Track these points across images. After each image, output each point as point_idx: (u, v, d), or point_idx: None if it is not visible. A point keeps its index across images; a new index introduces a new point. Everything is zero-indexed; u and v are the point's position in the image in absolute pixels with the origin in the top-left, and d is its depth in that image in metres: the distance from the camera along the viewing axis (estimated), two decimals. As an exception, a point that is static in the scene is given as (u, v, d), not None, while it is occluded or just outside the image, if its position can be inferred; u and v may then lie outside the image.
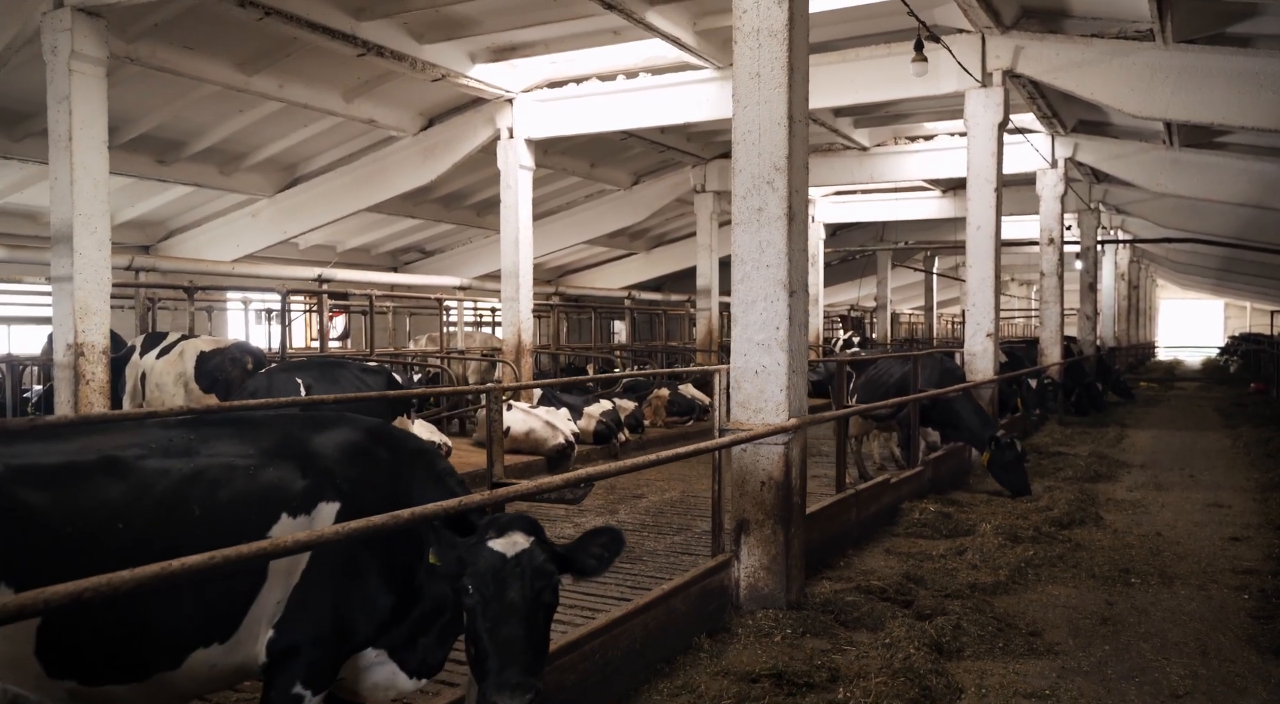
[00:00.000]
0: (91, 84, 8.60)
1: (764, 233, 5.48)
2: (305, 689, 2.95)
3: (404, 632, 3.16)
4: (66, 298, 8.53)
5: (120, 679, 2.76)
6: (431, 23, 11.64)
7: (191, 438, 2.98)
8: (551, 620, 2.96)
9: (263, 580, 2.88)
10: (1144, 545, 7.46)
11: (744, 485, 5.58)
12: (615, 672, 4.37)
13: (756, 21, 5.46)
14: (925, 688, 4.45)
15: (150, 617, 2.73)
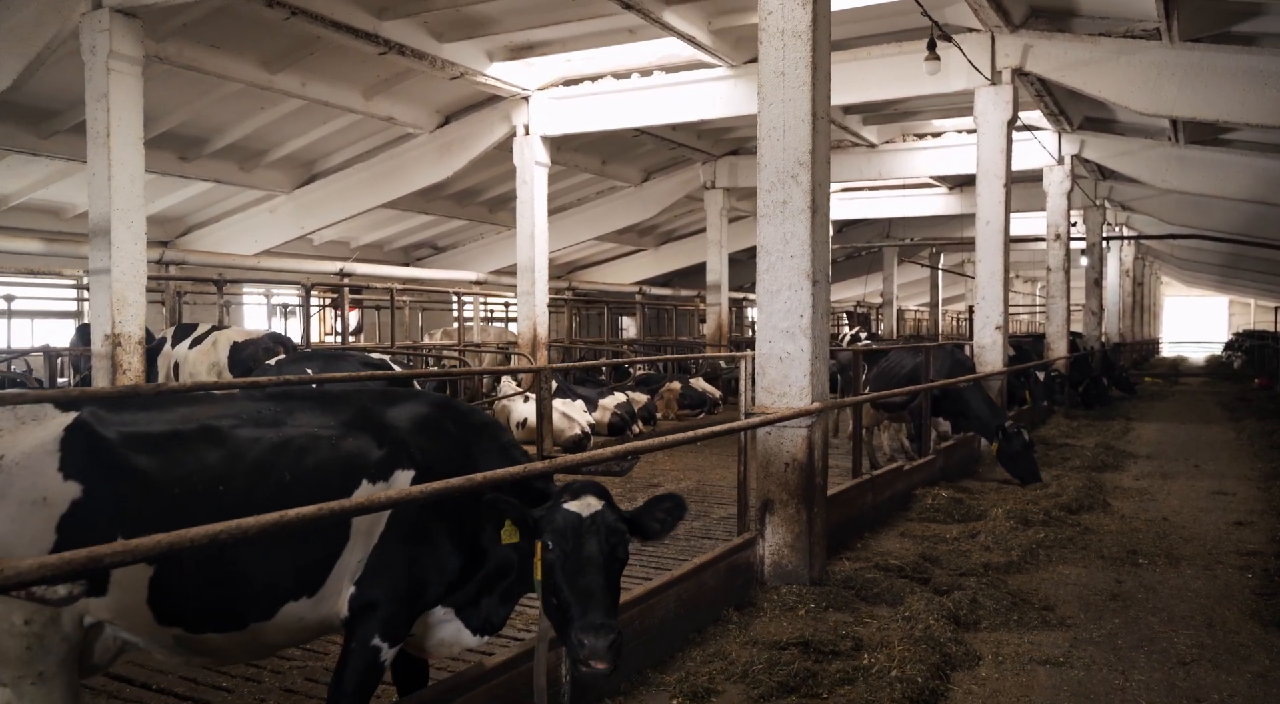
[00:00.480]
0: (128, 83, 8.86)
1: (788, 225, 5.72)
2: (382, 641, 3.20)
3: (470, 592, 3.41)
4: (104, 290, 8.80)
5: (220, 628, 3.02)
6: (451, 22, 11.89)
7: (278, 410, 3.24)
8: (621, 574, 3.23)
9: (346, 541, 3.14)
10: (1151, 529, 7.70)
11: (769, 467, 5.83)
12: (653, 638, 4.63)
13: (781, 22, 5.71)
14: (945, 655, 4.70)
15: (249, 571, 2.99)
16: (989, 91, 11.47)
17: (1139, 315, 38.21)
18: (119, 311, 8.80)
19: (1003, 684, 4.49)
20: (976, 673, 4.63)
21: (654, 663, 4.63)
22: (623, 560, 3.21)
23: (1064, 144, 16.72)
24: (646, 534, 3.34)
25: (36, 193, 15.04)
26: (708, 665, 4.63)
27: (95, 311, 8.92)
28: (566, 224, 21.49)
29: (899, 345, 12.33)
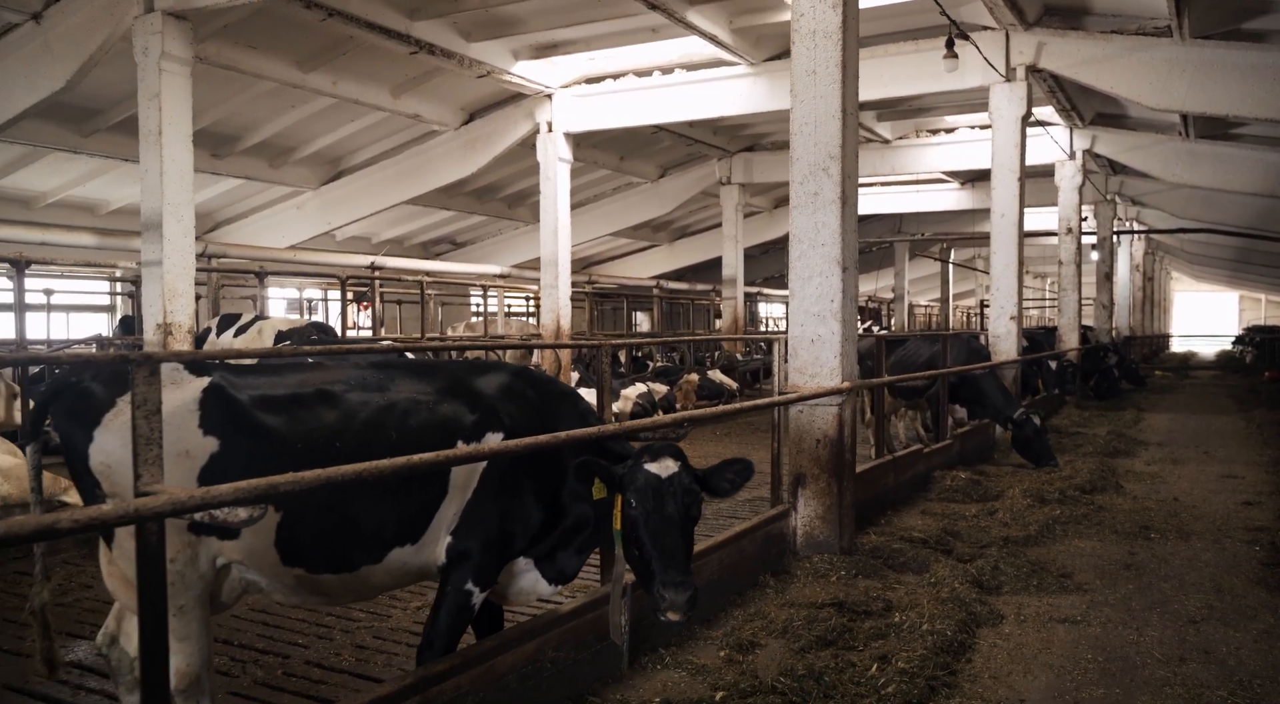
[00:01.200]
0: (179, 82, 9.25)
1: (819, 215, 6.08)
2: (474, 586, 3.58)
3: (549, 544, 3.79)
4: (156, 281, 9.20)
5: (335, 569, 3.40)
6: (480, 22, 12.25)
7: (381, 377, 3.61)
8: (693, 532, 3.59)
9: (444, 494, 3.51)
10: (1162, 508, 8.03)
11: (801, 443, 6.19)
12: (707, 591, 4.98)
13: (813, 24, 6.05)
14: (971, 614, 5.06)
15: (363, 519, 3.37)
16: (1003, 88, 11.79)
17: (1149, 310, 38.40)
18: (170, 302, 9.20)
19: (1025, 639, 4.85)
20: (1000, 629, 4.99)
21: (701, 620, 4.99)
22: (695, 518, 3.58)
23: (1075, 139, 17.01)
24: (716, 493, 3.71)
25: (74, 190, 15.48)
26: (750, 623, 5.00)
27: (147, 302, 9.32)
28: (584, 220, 21.84)
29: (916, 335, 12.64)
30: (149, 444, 2.56)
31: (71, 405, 3.23)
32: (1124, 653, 4.65)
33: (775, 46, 13.22)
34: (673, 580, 3.35)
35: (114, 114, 13.04)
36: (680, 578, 3.36)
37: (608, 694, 4.10)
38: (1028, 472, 9.74)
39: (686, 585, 3.34)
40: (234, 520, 2.44)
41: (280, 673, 4.62)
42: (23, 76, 10.04)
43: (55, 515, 2.23)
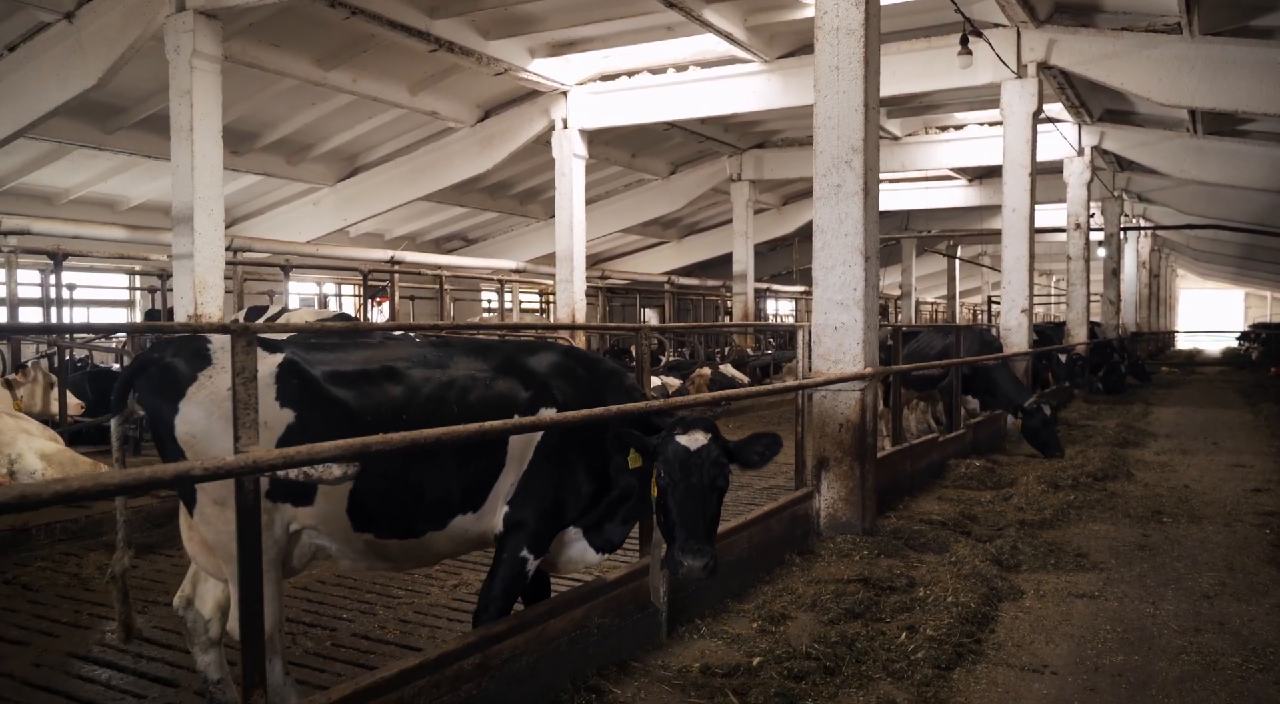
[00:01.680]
0: (209, 80, 9.47)
1: (842, 206, 6.27)
2: (529, 553, 3.78)
3: (597, 515, 3.99)
4: (187, 273, 9.42)
5: (402, 535, 3.60)
6: (498, 20, 12.46)
7: (441, 355, 3.81)
8: (722, 501, 3.79)
9: (502, 466, 3.71)
10: (1173, 494, 8.21)
11: (824, 427, 6.39)
12: (731, 573, 5.19)
13: (836, 21, 6.24)
14: (992, 588, 5.25)
15: (428, 487, 3.57)
16: (1015, 84, 11.97)
17: (1155, 307, 38.53)
18: (201, 293, 9.42)
19: (1045, 612, 5.04)
20: (1021, 603, 5.18)
21: (732, 595, 5.20)
22: (722, 489, 3.77)
23: (1084, 136, 17.18)
24: (746, 464, 3.91)
25: (96, 186, 15.71)
26: (779, 597, 5.19)
27: (178, 293, 9.55)
28: (596, 216, 21.99)
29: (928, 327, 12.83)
30: (247, 409, 2.76)
31: (157, 380, 3.44)
32: (1141, 625, 4.84)
33: (789, 44, 13.41)
34: (691, 547, 3.54)
35: (138, 112, 13.27)
36: (698, 546, 3.54)
37: (649, 660, 4.30)
38: (1040, 461, 9.91)
39: (703, 553, 3.52)
40: (328, 478, 2.64)
41: (329, 644, 4.83)
42: (55, 74, 10.26)
43: (168, 466, 2.44)
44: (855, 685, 3.99)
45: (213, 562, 3.59)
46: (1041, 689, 4.00)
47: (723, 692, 3.90)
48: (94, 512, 7.29)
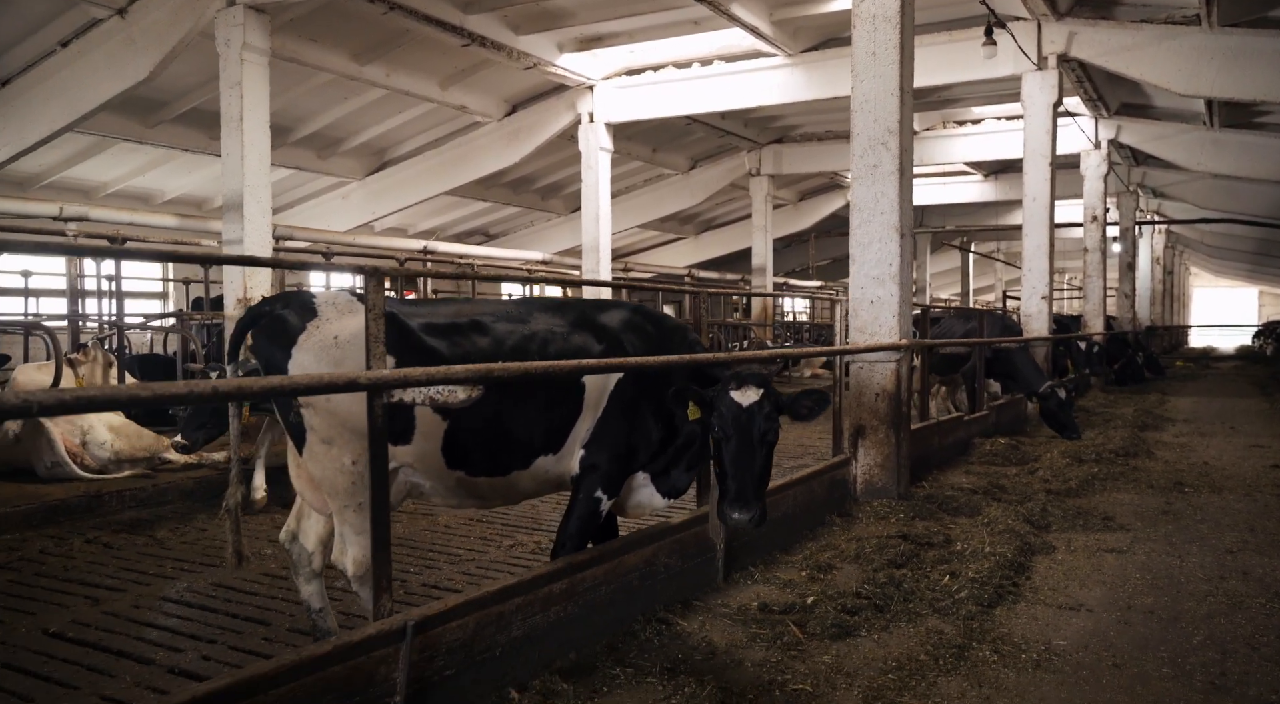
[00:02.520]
0: (258, 72, 9.83)
1: (878, 185, 6.57)
2: (603, 493, 4.09)
3: (663, 462, 4.29)
4: (237, 258, 9.76)
5: (490, 473, 3.92)
6: (529, 15, 12.79)
7: (521, 311, 4.13)
8: (772, 454, 4.07)
9: (580, 412, 4.02)
10: (1193, 469, 8.48)
11: (860, 397, 6.69)
12: (779, 528, 5.49)
13: (873, 9, 6.54)
14: (1026, 543, 5.54)
15: (515, 429, 3.88)
16: (1035, 76, 12.23)
17: (1169, 303, 38.60)
18: (250, 278, 9.76)
19: (1077, 564, 5.33)
20: (1054, 557, 5.47)
21: (780, 547, 5.50)
22: (772, 442, 4.02)
23: (1101, 129, 17.40)
24: (796, 416, 4.20)
25: (133, 180, 16.11)
26: (824, 551, 5.50)
27: (228, 278, 9.91)
28: (616, 211, 22.13)
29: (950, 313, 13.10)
30: (376, 341, 3.08)
31: (269, 330, 3.76)
32: (1169, 573, 5.12)
33: (812, 38, 13.70)
34: (740, 500, 3.79)
35: (178, 106, 13.64)
36: (747, 498, 3.79)
37: (709, 600, 4.61)
38: (1060, 441, 10.17)
39: (751, 506, 3.77)
40: (453, 401, 2.96)
41: (402, 592, 5.15)
42: (106, 69, 10.63)
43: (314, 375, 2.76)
44: (905, 620, 4.29)
45: (318, 497, 3.91)
46: (1078, 623, 4.29)
47: (783, 622, 4.20)
48: (159, 481, 7.66)
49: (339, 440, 3.69)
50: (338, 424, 3.68)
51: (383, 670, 2.92)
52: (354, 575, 3.81)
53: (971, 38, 12.17)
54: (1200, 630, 4.18)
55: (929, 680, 3.60)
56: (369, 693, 2.88)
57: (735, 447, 3.88)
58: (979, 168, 23.24)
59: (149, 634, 4.49)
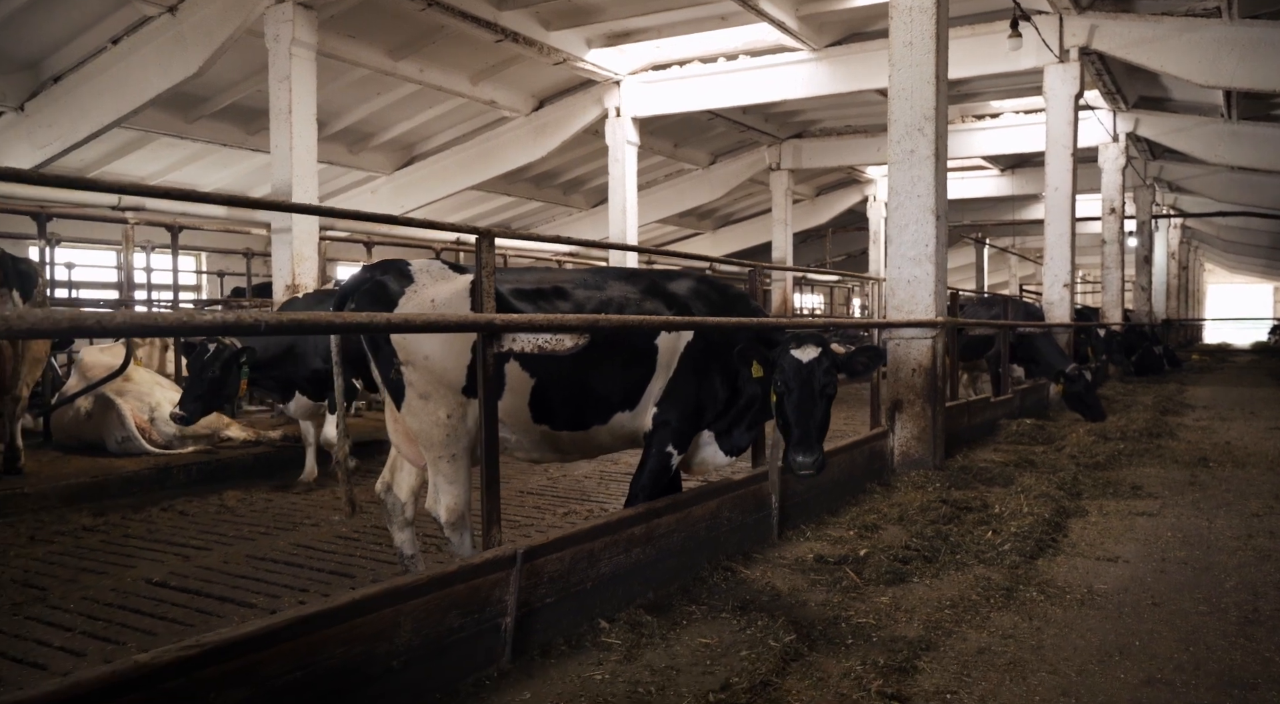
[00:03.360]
0: (306, 67, 10.17)
1: (915, 170, 6.86)
2: (673, 449, 4.39)
3: (727, 421, 4.60)
4: (285, 246, 10.13)
5: (572, 427, 4.23)
6: (560, 11, 13.11)
7: (597, 278, 4.44)
8: (830, 406, 4.37)
9: (653, 372, 4.33)
10: (1216, 448, 8.72)
11: (898, 372, 6.98)
12: (825, 493, 5.79)
13: (910, 0, 6.82)
14: (1060, 507, 5.83)
15: (595, 386, 4.19)
16: (1057, 68, 12.48)
17: (1184, 299, 38.65)
18: (298, 265, 10.12)
19: (1110, 525, 5.61)
20: (1087, 519, 5.75)
21: (828, 510, 5.80)
22: (831, 395, 4.33)
23: (1119, 122, 17.61)
24: (852, 373, 4.51)
25: (170, 175, 16.51)
26: (868, 513, 5.79)
27: (277, 265, 10.26)
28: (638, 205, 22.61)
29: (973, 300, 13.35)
30: (488, 294, 3.40)
31: (372, 295, 4.08)
32: (1199, 533, 5.40)
33: (837, 32, 13.97)
34: (804, 446, 4.11)
35: (219, 101, 14.01)
36: (809, 444, 4.11)
37: (766, 553, 4.91)
38: (1085, 423, 10.44)
39: (813, 450, 4.09)
40: (561, 349, 3.27)
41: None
42: (156, 65, 10.99)
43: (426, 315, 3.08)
44: (953, 568, 4.59)
45: (414, 450, 4.23)
46: (1117, 572, 4.58)
47: (839, 569, 4.51)
48: (221, 456, 8.02)
49: (435, 395, 4.01)
50: (434, 380, 3.99)
51: (496, 593, 3.24)
52: (447, 522, 4.12)
53: (993, 31, 12.43)
54: (1232, 577, 4.47)
55: (983, 615, 3.89)
56: (485, 612, 3.20)
57: (797, 399, 4.19)
58: (996, 162, 23.45)
59: (244, 585, 4.82)
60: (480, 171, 17.27)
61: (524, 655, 3.38)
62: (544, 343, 3.29)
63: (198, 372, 6.87)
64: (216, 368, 6.81)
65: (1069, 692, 3.11)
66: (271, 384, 7.38)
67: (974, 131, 19.32)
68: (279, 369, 7.17)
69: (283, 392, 7.43)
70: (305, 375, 7.26)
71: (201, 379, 6.85)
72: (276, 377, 7.25)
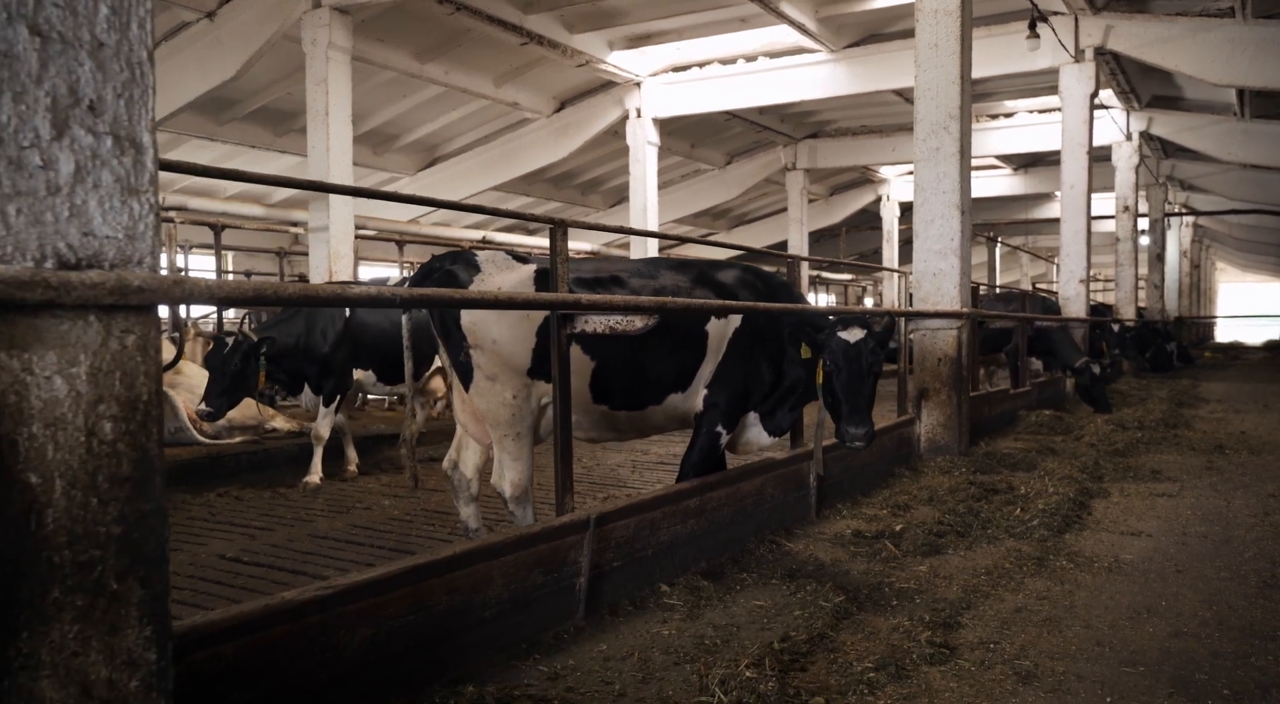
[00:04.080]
0: (341, 70, 10.50)
1: (940, 166, 7.12)
2: (722, 428, 4.67)
3: (771, 403, 4.87)
4: (322, 244, 10.45)
5: (629, 407, 4.51)
6: (584, 14, 13.41)
7: (650, 268, 4.72)
8: (876, 384, 4.64)
9: (703, 355, 4.61)
10: (1231, 437, 8.94)
11: (924, 362, 7.24)
12: (857, 475, 6.06)
13: (935, 3, 7.09)
14: (1084, 488, 6.08)
15: (651, 368, 4.47)
16: (1073, 68, 12.72)
17: (1195, 297, 38.72)
18: (335, 262, 10.44)
19: (1132, 505, 5.86)
20: (1110, 499, 6.00)
21: (860, 492, 6.06)
22: (877, 374, 4.60)
23: (1132, 121, 17.81)
24: (893, 357, 4.78)
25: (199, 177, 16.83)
26: (899, 495, 6.06)
27: (314, 263, 10.59)
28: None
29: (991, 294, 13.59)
30: (562, 280, 3.68)
31: (441, 283, 4.37)
32: (1218, 511, 5.65)
33: (855, 34, 14.23)
34: (855, 419, 4.40)
35: (249, 104, 14.37)
36: (860, 417, 4.39)
37: (806, 529, 5.18)
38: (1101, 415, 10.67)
39: (865, 422, 4.37)
40: (631, 329, 3.55)
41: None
42: (194, 69, 11.33)
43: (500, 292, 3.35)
44: (985, 542, 4.85)
45: (480, 429, 4.52)
46: (1141, 544, 4.83)
47: (878, 542, 4.78)
48: (268, 446, 8.33)
49: (501, 377, 4.30)
50: (501, 363, 4.28)
51: (572, 554, 3.52)
52: (511, 496, 4.40)
53: (1010, 32, 12.68)
54: (1250, 548, 4.72)
55: (1017, 580, 4.15)
56: (562, 571, 3.48)
57: (847, 376, 4.46)
58: (1009, 161, 23.64)
59: (312, 560, 5.11)
60: (501, 172, 17.58)
61: (595, 614, 3.66)
62: (615, 324, 3.57)
63: (219, 366, 7.02)
64: (237, 360, 7.00)
65: (1102, 642, 3.37)
66: (283, 377, 7.56)
67: (988, 131, 19.53)
68: (291, 361, 7.37)
69: (291, 384, 7.65)
70: (314, 367, 7.42)
71: (224, 373, 7.00)
72: (288, 369, 7.44)
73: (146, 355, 1.87)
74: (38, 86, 1.69)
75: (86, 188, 1.78)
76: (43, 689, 1.72)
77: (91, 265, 1.79)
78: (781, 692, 2.81)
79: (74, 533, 1.77)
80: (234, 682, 2.33)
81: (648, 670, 3.15)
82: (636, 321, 3.54)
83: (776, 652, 3.14)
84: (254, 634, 2.38)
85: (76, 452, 1.77)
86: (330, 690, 2.61)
